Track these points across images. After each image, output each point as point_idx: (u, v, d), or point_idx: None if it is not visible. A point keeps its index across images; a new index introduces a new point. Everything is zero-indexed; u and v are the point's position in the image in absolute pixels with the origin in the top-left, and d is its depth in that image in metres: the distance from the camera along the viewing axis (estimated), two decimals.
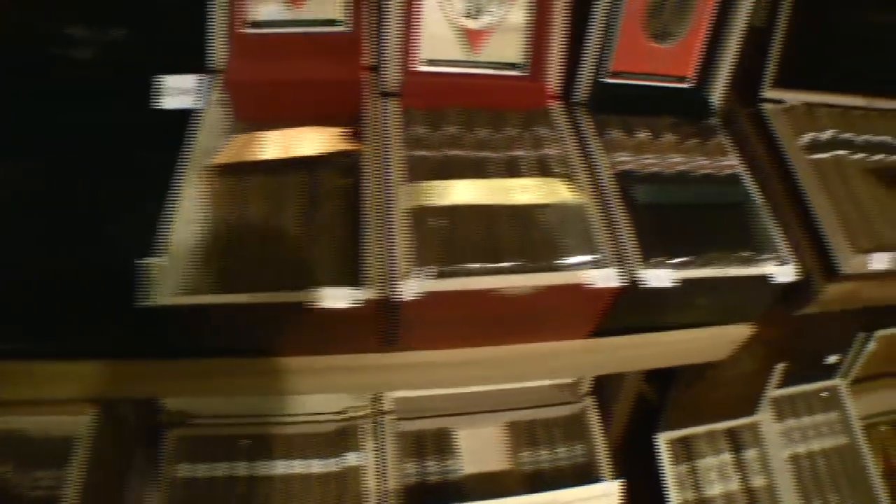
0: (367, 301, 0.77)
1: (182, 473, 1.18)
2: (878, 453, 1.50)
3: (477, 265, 0.80)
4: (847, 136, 1.08)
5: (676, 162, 0.95)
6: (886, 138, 1.09)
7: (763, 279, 0.87)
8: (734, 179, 0.96)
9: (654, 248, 0.85)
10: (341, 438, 1.24)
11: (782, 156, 1.02)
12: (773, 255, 0.89)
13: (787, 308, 1.00)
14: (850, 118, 1.11)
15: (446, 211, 0.84)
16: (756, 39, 1.08)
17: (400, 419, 1.28)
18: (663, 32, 0.99)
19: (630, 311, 0.88)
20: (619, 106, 1.01)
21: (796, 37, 1.07)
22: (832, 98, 1.12)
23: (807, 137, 1.05)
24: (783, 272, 0.88)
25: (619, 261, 0.82)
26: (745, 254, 0.87)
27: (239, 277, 0.82)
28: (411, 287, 0.76)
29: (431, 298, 0.77)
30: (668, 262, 0.84)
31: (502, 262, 0.80)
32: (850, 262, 0.94)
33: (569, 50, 0.99)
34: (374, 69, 1.00)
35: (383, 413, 1.27)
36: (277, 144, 0.91)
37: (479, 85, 0.98)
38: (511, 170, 0.90)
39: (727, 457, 1.36)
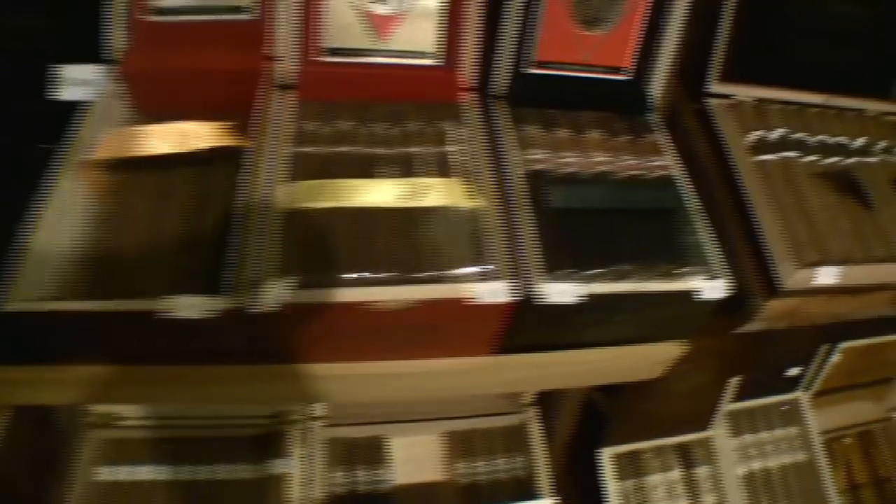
0: (223, 312, 0.63)
1: (103, 477, 1.06)
2: (841, 467, 1.33)
3: (348, 275, 0.66)
4: (799, 136, 0.91)
5: (600, 161, 0.79)
6: (843, 139, 0.92)
7: (688, 295, 0.71)
8: (666, 182, 0.80)
9: (560, 259, 0.70)
10: (268, 444, 1.11)
11: (725, 156, 0.85)
12: (702, 268, 0.73)
13: (727, 325, 0.84)
14: (805, 117, 0.94)
15: (323, 214, 0.70)
16: (703, 27, 0.91)
17: (330, 425, 1.14)
18: (594, 18, 0.83)
19: (540, 327, 0.73)
20: (543, 99, 0.86)
21: (747, 25, 0.90)
22: (787, 94, 0.95)
23: (754, 136, 0.88)
24: (712, 288, 0.72)
25: (514, 273, 0.68)
26: (667, 267, 0.72)
27: (100, 282, 0.70)
28: (268, 298, 0.63)
29: (292, 311, 0.63)
30: (574, 275, 0.69)
31: (377, 272, 0.66)
32: (793, 277, 0.77)
33: (488, 38, 0.84)
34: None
35: (314, 419, 1.13)
36: (161, 139, 0.78)
37: (386, 76, 0.83)
38: (405, 169, 0.76)
39: (677, 473, 1.20)
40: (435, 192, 0.72)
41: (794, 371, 1.26)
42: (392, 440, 1.16)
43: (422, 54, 0.84)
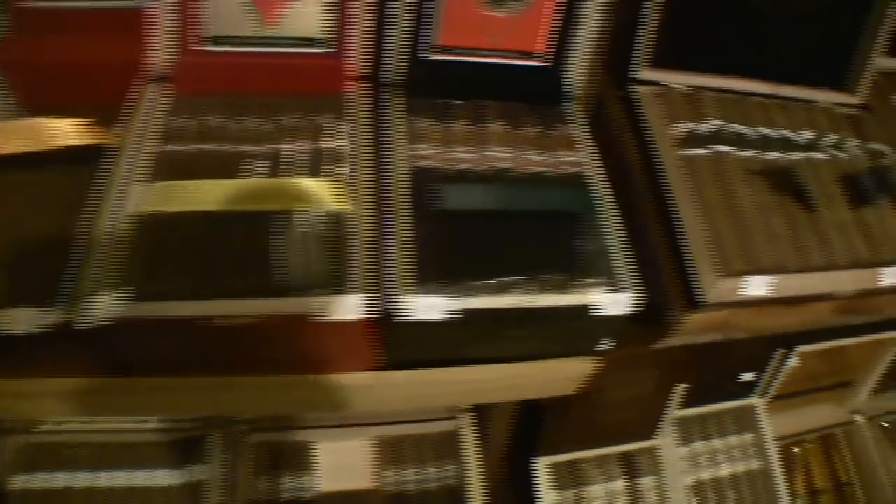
0: (55, 325, 0.53)
1: (19, 484, 0.98)
2: (800, 472, 1.21)
3: (190, 287, 0.55)
4: (736, 128, 0.77)
5: (498, 157, 0.67)
6: (787, 133, 0.79)
7: (586, 311, 0.59)
8: (574, 181, 0.68)
9: (433, 270, 0.58)
10: (190, 449, 1.02)
11: (649, 151, 0.72)
12: (606, 280, 0.61)
13: (649, 338, 0.72)
14: (745, 107, 0.81)
15: (173, 219, 0.59)
16: (631, 7, 0.77)
17: (255, 430, 1.05)
18: None
19: (421, 343, 0.61)
20: (447, 88, 0.73)
21: (680, 5, 0.76)
22: (728, 82, 0.82)
23: (682, 128, 0.75)
24: (616, 302, 0.60)
25: (377, 286, 0.56)
26: (563, 279, 0.60)
27: None
28: (99, 312, 0.52)
29: (126, 325, 0.53)
30: (447, 288, 0.58)
31: (221, 283, 0.55)
32: (716, 289, 0.65)
33: (383, 21, 0.71)
34: None
35: (237, 423, 1.04)
36: (9, 137, 0.67)
37: (268, 66, 0.72)
38: (272, 169, 0.64)
39: (620, 483, 1.08)
40: (298, 195, 0.61)
41: (747, 376, 1.14)
42: (319, 446, 1.06)
43: (310, 42, 0.72)
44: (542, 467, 1.05)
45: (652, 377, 1.03)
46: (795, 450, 1.24)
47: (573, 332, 0.63)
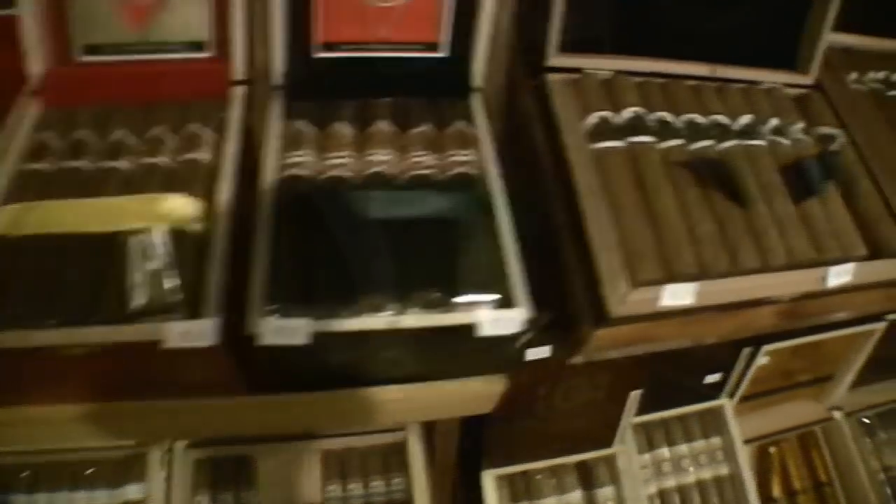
0: None
1: None
2: (776, 474, 1.11)
3: (30, 316, 0.49)
4: (660, 115, 0.67)
5: (379, 161, 0.60)
6: (719, 119, 0.69)
7: (464, 330, 0.51)
8: (466, 184, 0.60)
9: (287, 292, 0.51)
10: (129, 467, 0.97)
11: (558, 145, 0.64)
12: (488, 296, 0.53)
13: (558, 355, 0.64)
14: (674, 92, 0.71)
15: (20, 244, 0.53)
16: None
17: (196, 446, 1.00)
18: None
19: (287, 366, 0.54)
20: (335, 88, 0.66)
21: None
22: (657, 65, 0.72)
23: (595, 118, 0.65)
24: (499, 321, 0.52)
25: (218, 309, 0.50)
26: (438, 297, 0.52)
27: None
28: None
29: None
30: (301, 310, 0.51)
31: (64, 311, 0.49)
32: (626, 300, 0.57)
33: (262, 21, 0.64)
34: None
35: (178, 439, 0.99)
36: None
37: (143, 73, 0.65)
38: (136, 185, 0.58)
39: (576, 495, 0.99)
40: (158, 213, 0.54)
41: (713, 378, 1.04)
42: (261, 461, 1.01)
43: (187, 45, 0.66)
44: (490, 480, 0.97)
45: (601, 385, 0.94)
46: (772, 450, 1.15)
47: (460, 352, 0.56)
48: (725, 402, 1.08)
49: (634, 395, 0.97)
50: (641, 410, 1.02)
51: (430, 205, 0.56)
